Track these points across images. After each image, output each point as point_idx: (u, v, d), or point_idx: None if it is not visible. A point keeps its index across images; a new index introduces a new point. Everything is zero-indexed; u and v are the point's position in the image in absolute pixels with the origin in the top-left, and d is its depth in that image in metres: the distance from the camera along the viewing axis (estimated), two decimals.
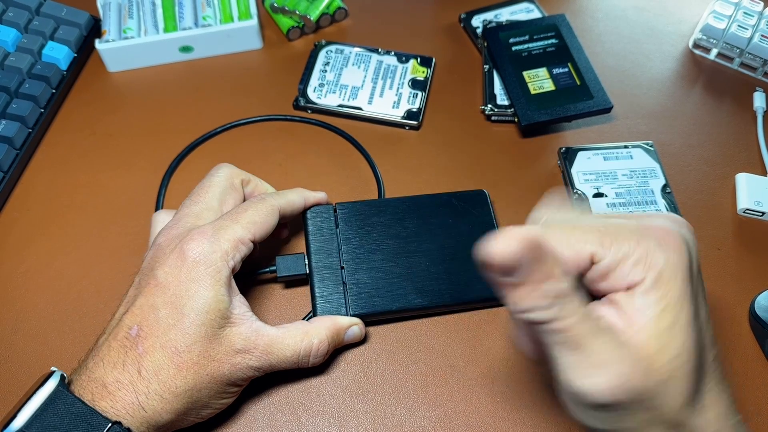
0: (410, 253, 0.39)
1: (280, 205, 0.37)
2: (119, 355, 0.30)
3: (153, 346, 0.30)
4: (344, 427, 0.36)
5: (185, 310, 0.31)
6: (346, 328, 0.37)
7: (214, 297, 0.31)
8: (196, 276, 0.32)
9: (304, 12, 0.53)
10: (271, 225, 0.36)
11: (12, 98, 0.47)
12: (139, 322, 0.31)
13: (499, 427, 0.35)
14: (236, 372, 0.32)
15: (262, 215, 0.35)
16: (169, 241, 0.34)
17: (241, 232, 0.34)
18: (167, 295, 0.31)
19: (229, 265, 0.33)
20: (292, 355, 0.34)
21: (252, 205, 0.36)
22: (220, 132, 0.48)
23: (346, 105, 0.49)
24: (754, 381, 0.37)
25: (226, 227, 0.34)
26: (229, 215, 0.35)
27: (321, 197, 0.41)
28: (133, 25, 0.52)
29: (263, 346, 0.33)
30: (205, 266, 0.32)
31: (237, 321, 0.33)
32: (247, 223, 0.34)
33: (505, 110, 0.48)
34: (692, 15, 0.57)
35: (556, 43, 0.51)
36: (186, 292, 0.31)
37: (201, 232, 0.33)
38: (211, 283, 0.32)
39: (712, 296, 0.40)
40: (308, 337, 0.34)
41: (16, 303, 0.40)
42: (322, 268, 0.39)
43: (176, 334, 0.31)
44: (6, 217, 0.44)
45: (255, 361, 0.33)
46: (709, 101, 0.51)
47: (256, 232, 0.35)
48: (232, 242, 0.33)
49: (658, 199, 0.43)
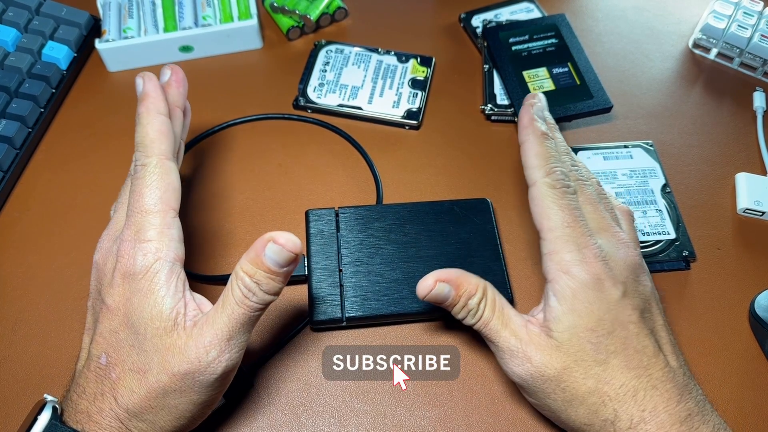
0: (409, 258, 0.39)
1: (161, 159, 0.32)
2: (97, 386, 0.30)
3: (123, 371, 0.29)
4: (344, 427, 0.36)
5: (137, 327, 0.30)
6: None
7: (154, 302, 0.30)
8: (136, 288, 0.30)
9: (304, 12, 0.53)
10: (174, 185, 0.32)
11: (12, 98, 0.47)
12: (105, 350, 0.30)
13: (499, 427, 0.36)
14: (201, 378, 0.29)
15: (160, 185, 0.31)
16: (104, 258, 0.32)
17: (157, 219, 0.31)
18: (119, 317, 0.30)
19: (166, 262, 0.30)
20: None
21: (141, 180, 0.32)
22: (217, 131, 0.48)
23: (346, 105, 0.49)
24: (754, 381, 0.37)
25: (138, 225, 0.31)
26: (131, 208, 0.31)
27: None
28: (133, 24, 0.52)
29: (213, 339, 0.29)
30: (141, 275, 0.30)
31: (186, 320, 0.30)
32: (154, 205, 0.31)
33: (505, 110, 0.48)
34: (692, 15, 0.57)
35: (556, 42, 0.51)
36: (132, 307, 0.30)
37: (124, 241, 0.31)
38: (149, 289, 0.30)
39: (712, 296, 0.40)
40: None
41: (16, 303, 0.40)
42: (320, 270, 0.39)
43: (137, 355, 0.29)
44: (6, 217, 0.44)
45: (215, 356, 0.29)
46: (709, 101, 0.51)
47: (169, 203, 0.31)
48: (157, 235, 0.30)
49: (657, 199, 0.43)
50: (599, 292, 0.30)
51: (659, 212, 0.43)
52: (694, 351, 0.38)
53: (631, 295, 0.31)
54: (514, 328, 0.32)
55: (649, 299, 0.32)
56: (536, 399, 0.32)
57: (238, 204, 0.44)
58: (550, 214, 0.32)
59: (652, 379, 0.30)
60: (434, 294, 0.33)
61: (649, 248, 0.41)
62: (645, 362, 0.30)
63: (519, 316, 0.33)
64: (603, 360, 0.30)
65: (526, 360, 0.31)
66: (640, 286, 0.32)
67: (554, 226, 0.31)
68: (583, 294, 0.30)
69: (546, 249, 0.32)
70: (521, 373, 0.31)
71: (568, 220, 0.31)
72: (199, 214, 0.44)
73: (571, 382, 0.30)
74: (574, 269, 0.31)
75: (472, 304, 0.33)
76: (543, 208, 0.32)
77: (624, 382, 0.30)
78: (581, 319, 0.30)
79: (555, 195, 0.32)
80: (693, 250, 0.41)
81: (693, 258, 0.41)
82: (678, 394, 0.29)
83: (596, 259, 0.31)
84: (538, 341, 0.31)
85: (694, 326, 0.39)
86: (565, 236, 0.31)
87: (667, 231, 0.42)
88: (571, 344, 0.30)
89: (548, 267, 0.32)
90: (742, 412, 0.36)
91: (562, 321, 0.31)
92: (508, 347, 0.32)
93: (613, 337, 0.30)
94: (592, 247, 0.31)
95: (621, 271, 0.31)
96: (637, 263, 0.32)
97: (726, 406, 0.36)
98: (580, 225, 0.31)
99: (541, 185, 0.32)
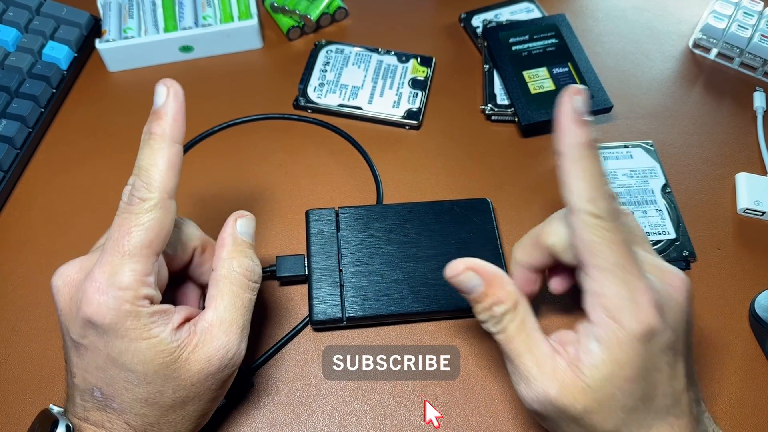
0: (409, 258, 0.39)
1: (160, 198, 0.28)
2: (102, 415, 0.28)
3: (125, 401, 0.28)
4: (344, 427, 0.36)
5: (131, 366, 0.28)
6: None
7: (147, 345, 0.28)
8: (117, 333, 0.27)
9: (304, 12, 0.53)
10: (167, 229, 0.29)
11: (12, 98, 0.47)
12: (96, 385, 0.28)
13: (499, 427, 0.36)
14: (220, 375, 0.30)
15: (156, 226, 0.28)
16: (68, 290, 0.29)
17: (139, 265, 0.27)
18: (102, 357, 0.28)
19: (144, 305, 0.28)
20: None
21: (133, 217, 0.28)
22: (217, 131, 0.48)
23: (346, 105, 0.49)
24: (754, 381, 0.37)
25: (119, 267, 0.27)
26: (112, 244, 0.28)
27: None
28: (134, 24, 0.52)
29: (217, 346, 0.29)
30: (120, 323, 0.27)
31: (184, 346, 0.29)
32: (140, 249, 0.27)
33: (505, 110, 0.48)
34: (692, 15, 0.57)
35: (556, 42, 0.51)
36: (119, 351, 0.27)
37: (94, 286, 0.27)
38: (137, 334, 0.27)
39: (712, 296, 0.40)
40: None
41: (16, 303, 0.40)
42: (320, 269, 0.39)
43: (139, 387, 0.28)
44: (6, 217, 0.44)
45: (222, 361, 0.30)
46: (709, 101, 0.51)
47: (156, 249, 0.28)
48: (134, 282, 0.27)
49: (658, 199, 0.43)
50: (648, 344, 0.27)
51: (659, 212, 0.43)
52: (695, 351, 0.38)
53: (675, 339, 0.28)
54: (538, 356, 0.28)
55: (689, 334, 0.29)
56: (546, 425, 0.30)
57: (238, 204, 0.44)
58: (598, 252, 0.27)
59: (669, 416, 0.28)
60: (459, 281, 0.30)
61: None
62: (669, 403, 0.28)
63: (546, 344, 0.29)
64: (631, 407, 0.27)
65: (544, 394, 0.28)
66: (686, 325, 0.29)
67: (603, 266, 0.27)
68: (629, 346, 0.27)
69: (591, 288, 0.28)
70: (533, 404, 0.29)
71: (621, 262, 0.27)
72: (199, 215, 0.44)
73: (590, 422, 0.28)
74: (625, 319, 0.27)
75: (497, 311, 0.29)
76: (589, 245, 0.27)
77: (642, 422, 0.28)
78: (622, 370, 0.27)
79: (604, 230, 0.27)
80: (693, 250, 0.41)
81: (693, 258, 0.41)
82: (691, 425, 0.28)
83: (651, 307, 0.27)
84: (563, 378, 0.28)
85: (694, 326, 0.39)
86: (616, 279, 0.27)
87: (667, 231, 0.42)
88: (604, 391, 0.27)
89: (593, 309, 0.28)
90: (742, 412, 0.36)
91: (599, 369, 0.27)
92: (527, 375, 0.28)
93: (646, 383, 0.27)
94: (645, 293, 0.27)
95: (673, 315, 0.28)
96: (688, 296, 0.29)
97: (726, 406, 0.36)
98: (634, 267, 0.27)
99: (586, 217, 0.27)
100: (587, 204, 0.27)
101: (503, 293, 0.29)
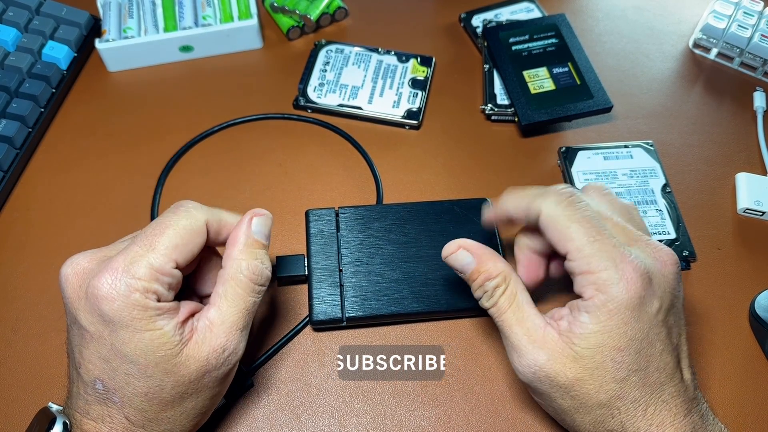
0: (409, 258, 0.39)
1: (208, 220, 0.31)
2: (103, 408, 0.29)
3: (126, 395, 0.28)
4: (344, 427, 0.36)
5: (133, 358, 0.28)
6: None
7: (151, 336, 0.28)
8: (123, 323, 0.28)
9: (304, 11, 0.53)
10: (197, 245, 0.30)
11: (12, 98, 0.47)
12: (98, 376, 0.28)
13: (499, 427, 0.36)
14: (217, 373, 0.30)
15: (185, 236, 0.30)
16: (79, 279, 0.29)
17: (159, 261, 0.29)
18: (106, 347, 0.28)
19: (152, 299, 0.28)
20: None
21: (172, 222, 0.30)
22: (217, 131, 0.48)
23: (346, 104, 0.49)
24: (754, 381, 0.37)
25: (139, 258, 0.28)
26: (144, 238, 0.29)
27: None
28: (133, 24, 0.52)
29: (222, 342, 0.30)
30: (128, 312, 0.28)
31: (186, 342, 0.29)
32: (166, 249, 0.29)
33: (505, 110, 0.48)
34: (692, 15, 0.57)
35: (556, 42, 0.51)
36: (122, 341, 0.28)
37: (110, 268, 0.28)
38: (142, 324, 0.28)
39: (712, 296, 0.40)
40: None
41: (16, 303, 0.40)
42: (320, 269, 0.39)
43: (140, 381, 0.28)
44: (6, 217, 0.44)
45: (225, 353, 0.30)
46: (709, 101, 0.51)
47: (179, 257, 0.29)
48: (149, 275, 0.28)
49: (658, 199, 0.43)
50: (636, 311, 0.28)
51: (659, 212, 0.43)
52: (694, 351, 0.38)
53: (665, 311, 0.29)
54: (529, 327, 0.30)
55: (680, 310, 0.31)
56: (542, 399, 0.32)
57: (239, 204, 0.44)
58: (571, 234, 0.29)
59: (665, 394, 0.29)
60: (453, 259, 0.33)
61: None
62: (662, 379, 0.29)
63: (539, 317, 0.31)
64: (622, 378, 0.29)
65: (534, 362, 0.29)
66: (675, 299, 0.30)
67: (580, 245, 0.29)
68: (619, 315, 0.28)
69: (578, 269, 0.29)
70: (526, 373, 0.30)
71: (593, 234, 0.29)
72: None
73: (583, 393, 0.29)
74: (613, 289, 0.28)
75: (488, 286, 0.31)
76: (561, 230, 0.30)
77: (637, 397, 0.29)
78: (612, 340, 0.28)
79: (568, 211, 0.30)
80: (693, 250, 0.41)
81: (693, 258, 0.41)
82: (686, 408, 0.29)
83: (637, 274, 0.28)
84: (553, 347, 0.29)
85: (694, 326, 0.39)
86: (596, 253, 0.29)
87: (668, 231, 0.42)
88: (593, 360, 0.29)
89: (583, 287, 0.29)
90: (742, 412, 0.36)
91: (589, 339, 0.29)
92: (518, 344, 0.30)
93: (638, 355, 0.29)
94: (630, 262, 0.28)
95: (659, 285, 0.29)
96: (677, 271, 0.30)
97: (726, 406, 0.36)
98: (607, 237, 0.29)
99: (548, 207, 0.30)
100: (545, 200, 0.31)
101: (493, 268, 0.32)
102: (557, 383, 0.29)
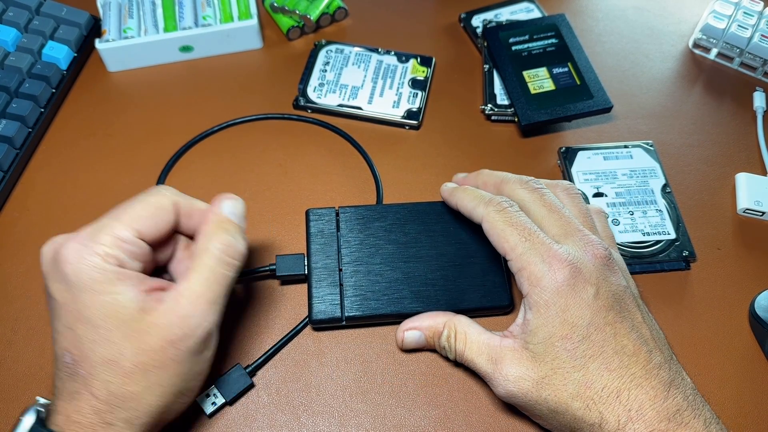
0: (409, 258, 0.39)
1: (177, 201, 0.33)
2: (71, 384, 0.29)
3: (91, 365, 0.29)
4: (344, 427, 0.36)
5: (95, 321, 0.29)
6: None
7: (111, 299, 0.29)
8: (84, 285, 0.29)
9: (304, 12, 0.53)
10: (165, 222, 0.32)
11: (12, 98, 0.47)
12: (66, 347, 0.29)
13: (499, 427, 0.36)
14: (182, 345, 0.29)
15: (150, 209, 0.31)
16: (52, 251, 0.30)
17: (121, 230, 0.30)
18: (71, 313, 0.29)
19: (111, 263, 0.29)
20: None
21: (140, 198, 0.32)
22: (217, 131, 0.48)
23: (346, 105, 0.49)
24: (754, 381, 0.37)
25: (104, 227, 0.30)
26: (112, 211, 0.31)
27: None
28: (133, 24, 0.52)
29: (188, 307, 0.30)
30: (87, 273, 0.29)
31: (149, 310, 0.29)
32: (130, 219, 0.31)
33: (505, 110, 0.48)
34: (692, 15, 0.57)
35: (556, 42, 0.51)
36: (84, 304, 0.29)
37: (77, 236, 0.30)
38: (102, 287, 0.29)
39: (712, 296, 0.40)
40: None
41: (16, 303, 0.40)
42: (320, 269, 0.39)
43: (103, 347, 0.28)
44: (6, 217, 0.44)
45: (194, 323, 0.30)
46: (709, 101, 0.51)
47: (143, 227, 0.31)
48: (111, 242, 0.30)
49: (658, 199, 0.43)
50: (570, 298, 0.31)
51: (659, 212, 0.43)
52: (694, 351, 0.38)
53: (603, 296, 0.31)
54: (488, 353, 0.33)
55: (623, 297, 0.32)
56: (527, 411, 0.33)
57: None
58: (506, 236, 0.33)
59: (635, 377, 0.29)
60: (407, 344, 0.37)
61: (649, 248, 0.41)
62: (625, 362, 0.30)
63: (492, 337, 0.33)
64: (581, 366, 0.30)
65: (504, 380, 0.31)
66: (612, 286, 0.32)
67: (514, 245, 0.32)
68: (554, 303, 0.31)
69: (515, 267, 0.33)
70: (504, 394, 0.32)
71: (525, 234, 0.32)
72: None
73: (552, 391, 0.30)
74: (543, 280, 0.31)
75: (443, 342, 0.35)
76: (498, 234, 0.33)
77: (605, 384, 0.30)
78: (555, 329, 0.31)
79: (504, 217, 0.33)
80: (693, 250, 0.41)
81: (693, 258, 0.41)
82: (664, 389, 0.29)
83: (563, 264, 0.31)
84: (512, 356, 0.32)
85: (694, 326, 0.39)
86: (527, 251, 0.32)
87: (667, 231, 0.42)
88: (547, 354, 0.31)
89: (521, 283, 0.32)
90: (742, 412, 0.36)
91: (537, 333, 0.31)
92: (486, 372, 0.33)
93: (589, 342, 0.30)
94: (557, 255, 0.31)
95: (591, 273, 0.31)
96: (606, 262, 0.32)
97: (726, 406, 0.36)
98: (537, 236, 0.32)
99: (488, 215, 0.34)
100: (485, 209, 0.34)
101: (437, 325, 0.36)
102: (526, 389, 0.31)
